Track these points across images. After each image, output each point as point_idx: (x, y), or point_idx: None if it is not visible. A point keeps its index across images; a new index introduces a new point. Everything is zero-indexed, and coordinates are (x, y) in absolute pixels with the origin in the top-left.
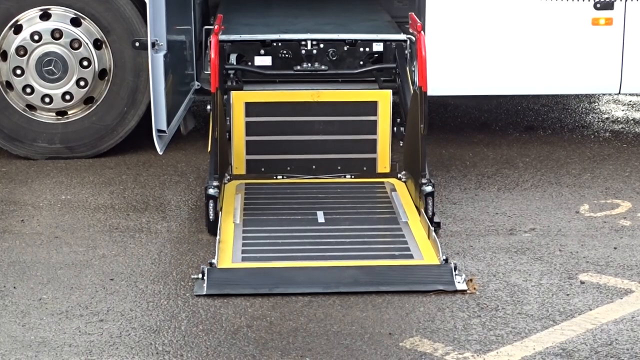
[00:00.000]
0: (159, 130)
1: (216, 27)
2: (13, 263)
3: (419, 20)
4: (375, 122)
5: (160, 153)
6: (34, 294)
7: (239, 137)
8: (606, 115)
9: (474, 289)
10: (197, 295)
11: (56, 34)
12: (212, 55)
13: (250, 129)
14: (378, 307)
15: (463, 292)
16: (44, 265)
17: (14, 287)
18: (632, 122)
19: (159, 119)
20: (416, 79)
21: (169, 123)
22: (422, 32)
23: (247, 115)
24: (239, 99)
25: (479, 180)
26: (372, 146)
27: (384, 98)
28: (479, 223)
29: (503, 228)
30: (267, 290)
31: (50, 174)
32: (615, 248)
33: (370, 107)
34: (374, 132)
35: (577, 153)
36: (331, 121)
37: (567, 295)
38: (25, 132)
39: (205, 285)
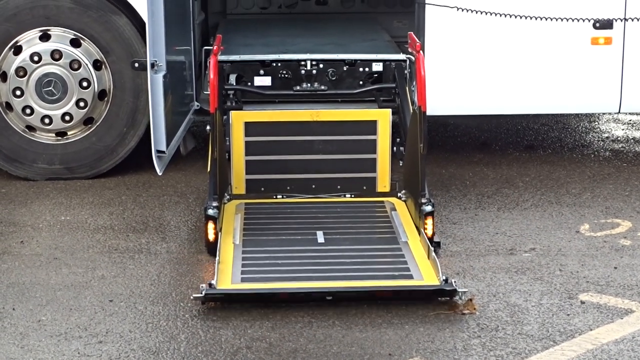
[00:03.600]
0: (159, 151)
1: (215, 47)
2: (12, 284)
3: (418, 40)
4: (374, 141)
5: (160, 174)
6: (33, 316)
7: (238, 157)
8: (606, 135)
9: (474, 309)
10: (195, 298)
11: (56, 55)
12: (211, 76)
13: (249, 148)
14: (378, 327)
15: (463, 312)
16: (43, 286)
17: (13, 309)
18: (632, 141)
19: (158, 140)
20: (415, 98)
21: (168, 143)
22: (421, 51)
23: (246, 135)
24: (239, 118)
25: (479, 199)
26: (371, 165)
27: (383, 117)
28: (479, 243)
29: (503, 248)
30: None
31: (49, 194)
32: (615, 268)
33: (370, 127)
34: (374, 152)
35: (577, 172)
36: (331, 140)
37: (568, 315)
38: (25, 153)
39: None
